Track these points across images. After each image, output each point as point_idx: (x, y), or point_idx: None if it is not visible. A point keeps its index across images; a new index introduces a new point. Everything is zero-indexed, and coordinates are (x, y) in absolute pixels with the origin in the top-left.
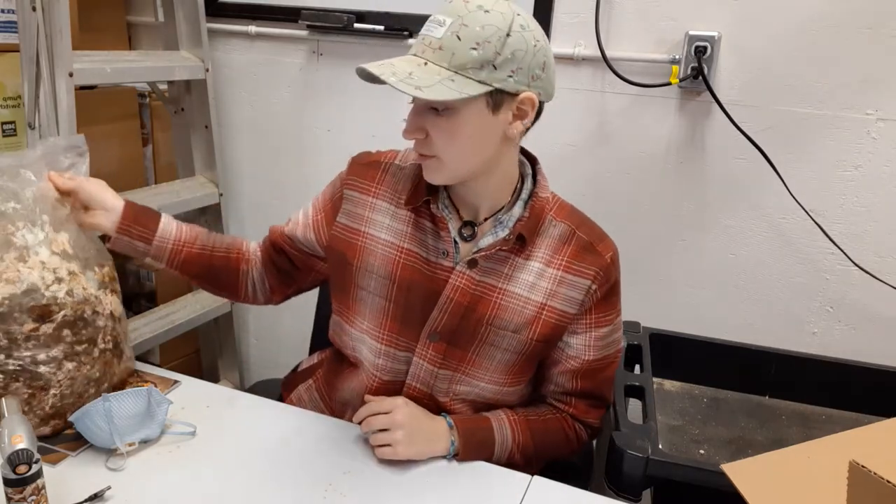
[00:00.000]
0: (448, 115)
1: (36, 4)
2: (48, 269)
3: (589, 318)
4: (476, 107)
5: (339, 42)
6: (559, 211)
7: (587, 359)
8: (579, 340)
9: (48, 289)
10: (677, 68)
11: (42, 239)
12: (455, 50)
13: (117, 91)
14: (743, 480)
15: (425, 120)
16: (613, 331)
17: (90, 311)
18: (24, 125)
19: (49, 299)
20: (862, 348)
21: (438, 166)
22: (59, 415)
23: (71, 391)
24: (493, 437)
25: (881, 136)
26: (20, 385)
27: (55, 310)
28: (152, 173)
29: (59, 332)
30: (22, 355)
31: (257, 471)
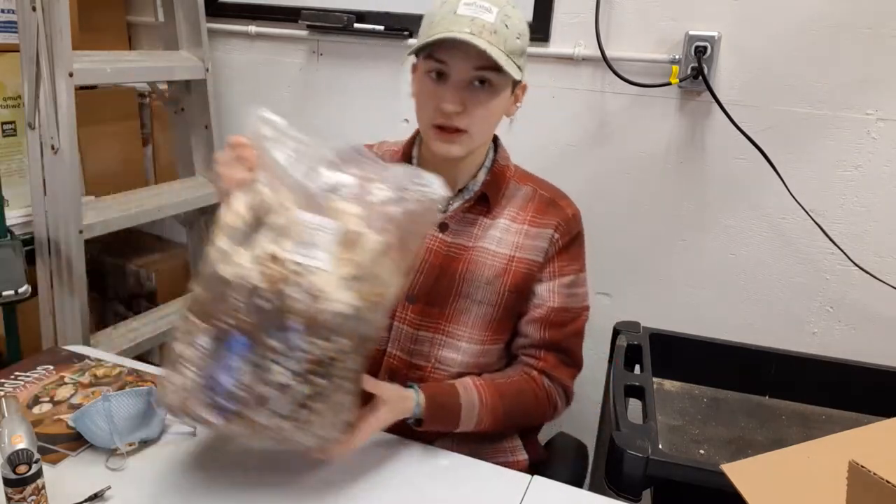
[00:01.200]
0: (491, 92)
1: (36, 4)
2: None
3: (553, 266)
4: (508, 88)
5: (339, 42)
6: (522, 177)
7: (552, 306)
8: (544, 288)
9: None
10: (677, 68)
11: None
12: (507, 37)
13: (117, 91)
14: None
15: (466, 95)
16: (577, 283)
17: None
18: (24, 125)
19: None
20: (862, 348)
21: (465, 140)
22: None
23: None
24: (458, 401)
25: (881, 136)
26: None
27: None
28: (152, 173)
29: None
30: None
31: (257, 471)
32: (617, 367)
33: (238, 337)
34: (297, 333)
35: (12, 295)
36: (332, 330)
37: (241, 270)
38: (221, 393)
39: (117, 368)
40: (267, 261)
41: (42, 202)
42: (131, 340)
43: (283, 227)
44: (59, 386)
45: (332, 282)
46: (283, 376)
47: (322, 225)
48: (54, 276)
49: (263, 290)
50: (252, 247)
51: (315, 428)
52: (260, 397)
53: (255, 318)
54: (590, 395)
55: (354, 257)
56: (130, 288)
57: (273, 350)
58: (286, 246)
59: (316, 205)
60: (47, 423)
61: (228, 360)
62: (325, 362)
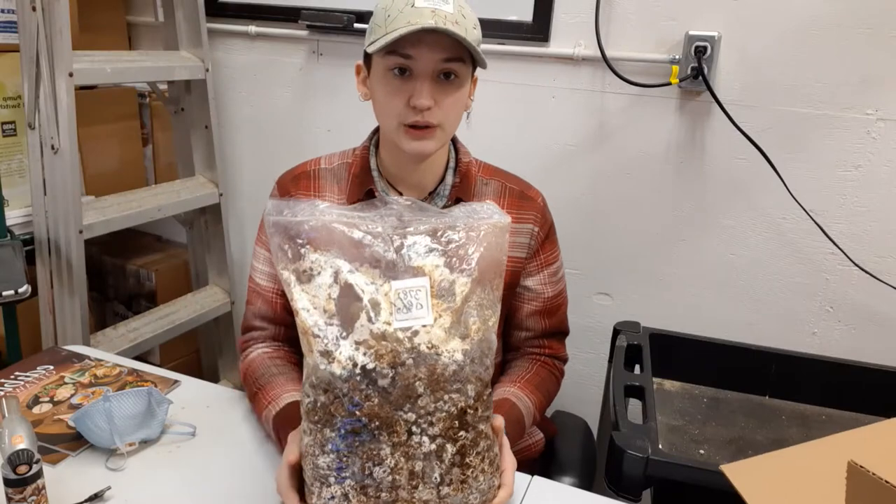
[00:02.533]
0: (457, 85)
1: (36, 4)
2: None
3: (539, 259)
4: (468, 81)
5: (339, 42)
6: (485, 170)
7: (547, 295)
8: (535, 281)
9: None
10: (677, 68)
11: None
12: (466, 27)
13: (117, 91)
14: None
15: (434, 90)
16: (560, 266)
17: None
18: (24, 125)
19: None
20: (862, 348)
21: (438, 135)
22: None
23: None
24: (521, 413)
25: (881, 136)
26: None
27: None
28: (152, 173)
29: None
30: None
31: (257, 471)
32: (617, 367)
33: (372, 424)
34: (425, 396)
35: (12, 295)
36: (455, 380)
37: (348, 361)
38: (379, 486)
39: (117, 368)
40: (371, 341)
41: (42, 202)
42: (131, 340)
43: (374, 302)
44: (59, 386)
45: (439, 335)
46: (427, 444)
47: (411, 285)
48: (54, 276)
49: (380, 369)
50: (350, 334)
51: (474, 482)
52: (412, 474)
53: (380, 399)
54: (590, 395)
55: (449, 305)
56: (130, 288)
57: (408, 422)
58: (385, 318)
59: (400, 270)
60: (47, 423)
61: (372, 451)
62: (459, 414)
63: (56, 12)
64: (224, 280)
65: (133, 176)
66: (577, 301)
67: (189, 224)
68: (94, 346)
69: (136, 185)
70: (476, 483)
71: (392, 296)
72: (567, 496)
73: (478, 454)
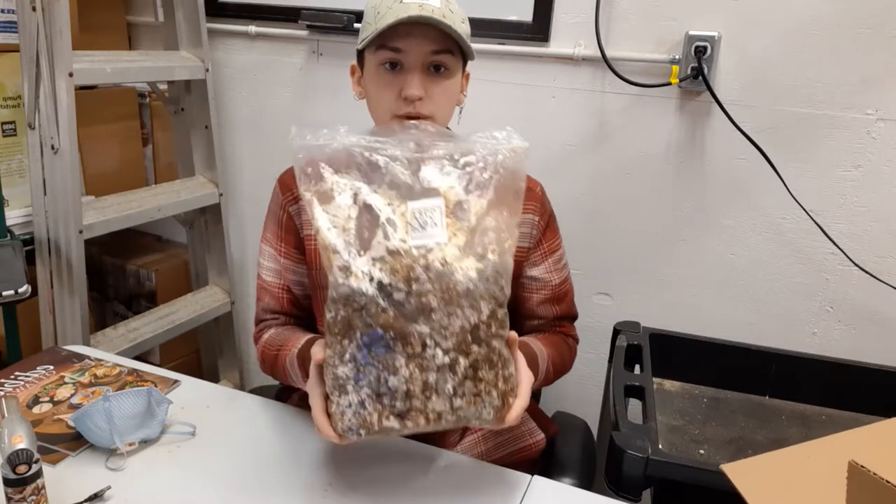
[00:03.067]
0: (447, 76)
1: (36, 4)
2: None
3: (543, 247)
4: (459, 73)
5: (339, 42)
6: None
7: (554, 283)
8: (542, 270)
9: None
10: (677, 68)
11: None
12: (454, 21)
13: (117, 91)
14: (743, 480)
15: (425, 81)
16: (563, 253)
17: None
18: (24, 125)
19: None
20: (862, 348)
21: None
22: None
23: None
24: (533, 350)
25: (881, 136)
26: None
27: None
28: (152, 173)
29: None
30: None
31: (257, 471)
32: (617, 367)
33: (388, 335)
34: (439, 311)
35: (12, 295)
36: (468, 296)
37: (365, 276)
38: (394, 395)
39: (117, 368)
40: (387, 257)
41: (42, 202)
42: (131, 340)
43: (391, 221)
44: (59, 386)
45: (454, 252)
46: (440, 356)
47: (426, 205)
48: (54, 276)
49: (395, 284)
50: (367, 251)
51: (487, 397)
52: (426, 385)
53: (396, 312)
54: (590, 395)
55: (464, 224)
56: (130, 288)
57: (422, 335)
58: (401, 236)
59: (416, 192)
60: (47, 423)
61: (387, 361)
62: (472, 330)
63: (56, 12)
64: (224, 280)
65: (133, 176)
66: (577, 301)
67: (189, 224)
68: (94, 346)
69: (136, 185)
70: (489, 398)
71: (408, 215)
72: (567, 496)
73: (491, 369)
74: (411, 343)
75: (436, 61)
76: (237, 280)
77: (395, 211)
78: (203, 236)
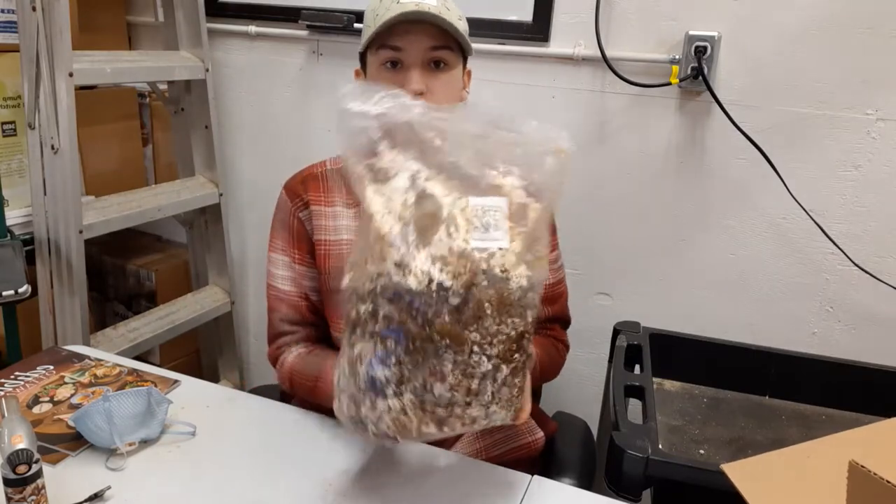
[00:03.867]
0: (447, 72)
1: (36, 4)
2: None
3: None
4: (459, 68)
5: (339, 42)
6: None
7: (549, 283)
8: None
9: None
10: (677, 68)
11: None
12: (451, 18)
13: (117, 91)
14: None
15: (426, 76)
16: (559, 256)
17: None
18: (24, 125)
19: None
20: (862, 348)
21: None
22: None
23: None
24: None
25: (881, 136)
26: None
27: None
28: (152, 173)
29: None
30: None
31: (257, 471)
32: (617, 367)
33: (442, 341)
34: (489, 318)
35: (12, 295)
36: (519, 305)
37: (425, 276)
38: (437, 402)
39: (117, 368)
40: (449, 258)
41: (42, 202)
42: (131, 340)
43: (451, 216)
44: (59, 386)
45: (512, 259)
46: (485, 363)
47: (490, 204)
48: (54, 276)
49: (455, 288)
50: (426, 246)
51: (515, 401)
52: (468, 391)
53: (452, 318)
54: (590, 395)
55: (522, 229)
56: (130, 288)
57: (473, 342)
58: (463, 236)
59: (480, 187)
60: (47, 423)
61: (435, 367)
62: (517, 338)
63: (56, 12)
64: (224, 280)
65: (133, 176)
66: (577, 301)
67: (189, 224)
68: (94, 346)
69: (136, 185)
70: (516, 402)
71: (469, 213)
72: (567, 496)
73: (524, 375)
74: (462, 350)
75: (435, 57)
76: (237, 280)
77: (456, 205)
78: (203, 236)
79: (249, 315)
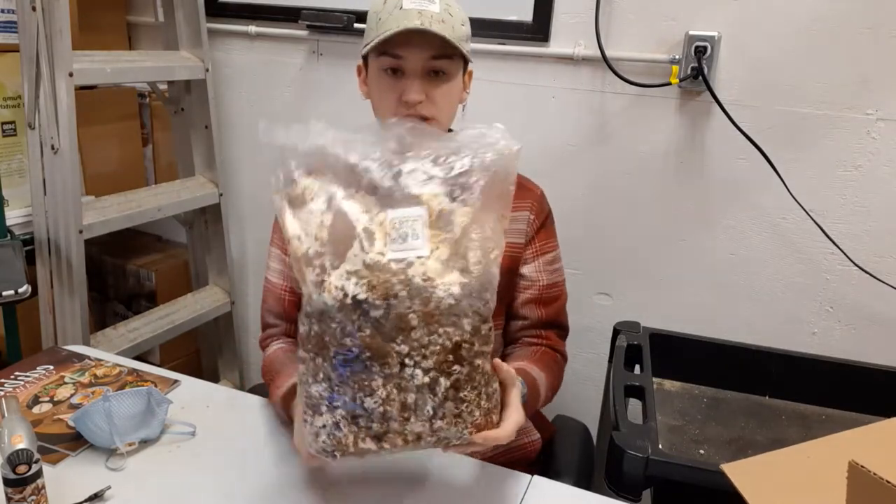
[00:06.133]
0: (446, 80)
1: (36, 4)
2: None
3: (534, 246)
4: (459, 75)
5: (339, 42)
6: None
7: (542, 283)
8: (531, 268)
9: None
10: (677, 68)
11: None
12: (453, 24)
13: (117, 91)
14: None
15: (425, 85)
16: (557, 258)
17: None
18: (24, 125)
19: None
20: (862, 348)
21: (433, 126)
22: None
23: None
24: (533, 377)
25: (881, 136)
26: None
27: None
28: (152, 173)
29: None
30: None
31: (257, 471)
32: (617, 367)
33: (364, 354)
34: (419, 329)
35: (12, 295)
36: (450, 314)
37: (339, 291)
38: (370, 416)
39: (117, 368)
40: (364, 271)
41: (42, 202)
42: (131, 340)
43: (368, 231)
44: (59, 386)
45: (436, 267)
46: (420, 376)
47: (407, 215)
48: (54, 276)
49: (372, 300)
50: (342, 263)
51: (469, 417)
52: (404, 406)
53: (372, 330)
54: (590, 395)
55: (448, 235)
56: (130, 288)
57: (401, 354)
58: (379, 249)
59: (397, 199)
60: (47, 423)
61: (363, 381)
62: (453, 348)
63: (56, 12)
64: (224, 280)
65: (133, 176)
66: (577, 301)
67: (189, 224)
68: (94, 346)
69: (136, 185)
70: (471, 417)
71: (387, 225)
72: (567, 496)
73: (473, 388)
74: (389, 363)
75: (435, 67)
76: (237, 280)
77: (373, 220)
78: (203, 236)
79: (249, 315)
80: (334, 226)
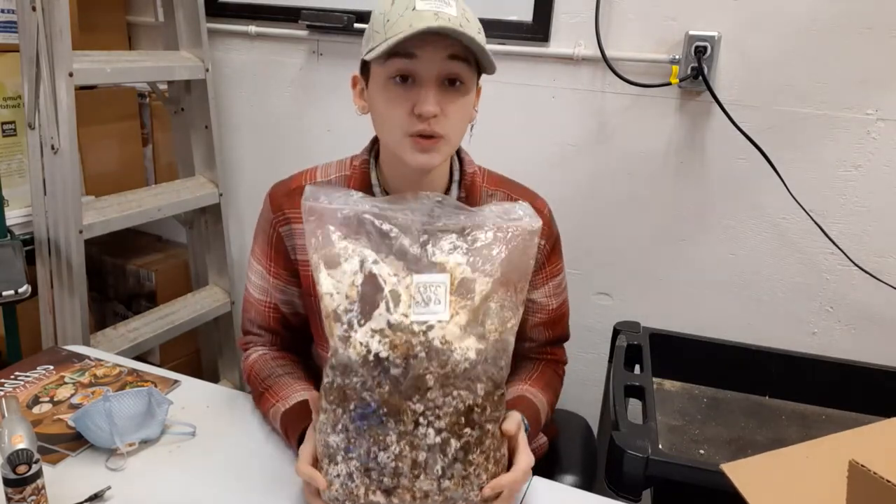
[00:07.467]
0: (463, 92)
1: (36, 4)
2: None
3: (545, 272)
4: (473, 89)
5: (339, 42)
6: (489, 180)
7: (552, 307)
8: (541, 293)
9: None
10: (677, 68)
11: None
12: (470, 31)
13: (117, 91)
14: (743, 480)
15: (439, 97)
16: (564, 277)
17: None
18: (24, 125)
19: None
20: (862, 348)
21: (443, 146)
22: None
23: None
24: (537, 408)
25: (881, 136)
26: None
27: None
28: (152, 173)
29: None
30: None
31: (257, 471)
32: (617, 367)
33: (381, 410)
34: (435, 390)
35: (12, 295)
36: (465, 377)
37: (363, 347)
38: (382, 470)
39: (117, 368)
40: (387, 330)
41: (42, 202)
42: (131, 340)
43: (395, 293)
44: (59, 386)
45: (454, 331)
46: (432, 436)
47: (431, 280)
48: (54, 276)
49: (392, 359)
50: (368, 321)
51: (476, 480)
52: (415, 463)
53: (391, 387)
54: (590, 395)
55: (467, 303)
56: (130, 288)
57: (416, 413)
58: (403, 310)
59: (423, 265)
60: (47, 423)
61: (378, 435)
62: (466, 411)
63: (56, 12)
64: (224, 280)
65: (133, 176)
66: (577, 301)
67: (189, 224)
68: (94, 346)
69: (136, 185)
70: (478, 480)
71: (412, 289)
72: (567, 496)
73: (482, 453)
74: (404, 420)
75: (452, 73)
76: (237, 280)
77: (401, 283)
78: (203, 236)
79: None
80: (364, 286)
